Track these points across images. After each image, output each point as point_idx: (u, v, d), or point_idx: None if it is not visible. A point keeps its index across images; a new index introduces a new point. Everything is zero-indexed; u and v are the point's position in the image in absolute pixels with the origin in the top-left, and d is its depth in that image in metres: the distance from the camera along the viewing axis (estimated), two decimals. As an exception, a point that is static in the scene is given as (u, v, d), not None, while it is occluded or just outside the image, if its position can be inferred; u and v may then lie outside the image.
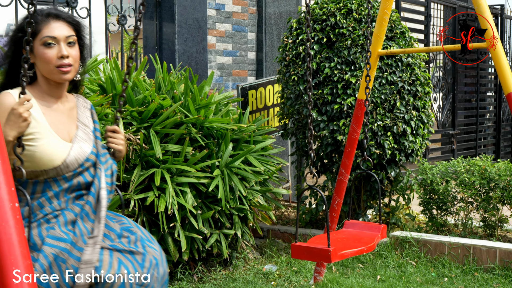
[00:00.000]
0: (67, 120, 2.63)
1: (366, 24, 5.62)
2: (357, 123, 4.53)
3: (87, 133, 2.66)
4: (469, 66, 10.81)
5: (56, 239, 2.38)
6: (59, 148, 2.51)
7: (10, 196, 1.50)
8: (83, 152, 2.59)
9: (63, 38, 2.57)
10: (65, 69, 2.56)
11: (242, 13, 6.97)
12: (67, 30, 2.59)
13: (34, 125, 2.47)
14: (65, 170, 2.51)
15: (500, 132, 11.65)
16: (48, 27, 2.56)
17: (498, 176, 5.28)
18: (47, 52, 2.54)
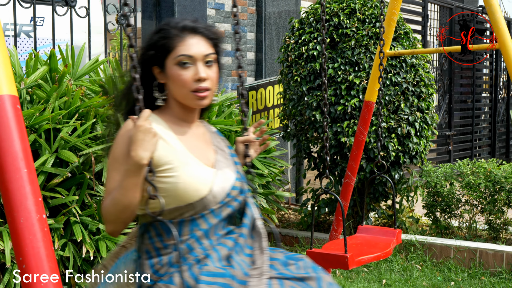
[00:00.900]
0: (203, 145, 2.26)
1: (371, 24, 5.54)
2: (364, 125, 4.46)
3: (226, 158, 2.26)
4: (464, 67, 10.77)
5: (212, 275, 2.05)
6: (204, 175, 2.14)
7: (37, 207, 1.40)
8: (227, 179, 2.20)
9: (201, 57, 2.14)
10: (202, 94, 2.14)
11: (241, 12, 6.88)
12: (206, 47, 2.17)
13: (170, 153, 2.12)
14: (213, 202, 2.13)
15: (496, 133, 11.63)
16: (184, 44, 2.15)
17: (504, 179, 5.22)
18: (182, 73, 2.13)
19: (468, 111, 10.67)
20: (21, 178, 1.42)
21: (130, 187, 1.98)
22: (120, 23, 5.69)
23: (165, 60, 2.17)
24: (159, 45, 2.16)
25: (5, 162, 1.41)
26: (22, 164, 1.43)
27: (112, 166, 2.09)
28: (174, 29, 2.18)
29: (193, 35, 2.17)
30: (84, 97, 4.39)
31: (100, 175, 4.09)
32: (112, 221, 2.03)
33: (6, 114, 1.44)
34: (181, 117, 2.23)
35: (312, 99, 5.45)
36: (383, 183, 5.58)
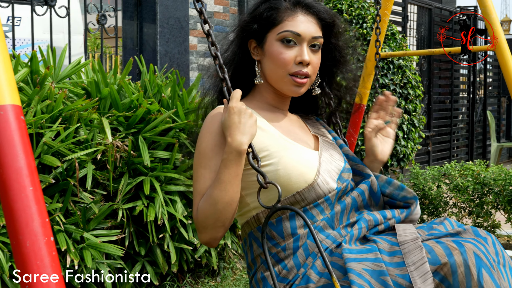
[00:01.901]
0: (301, 130, 2.03)
1: (358, 25, 5.47)
2: (354, 128, 4.37)
3: (329, 142, 2.03)
4: (443, 67, 10.78)
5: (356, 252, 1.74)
6: (306, 158, 1.87)
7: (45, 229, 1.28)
8: (335, 161, 1.95)
9: (309, 38, 1.91)
10: (300, 80, 1.90)
11: (223, 13, 6.76)
12: (316, 29, 1.93)
13: (264, 138, 1.87)
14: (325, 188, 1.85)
15: (474, 133, 11.66)
16: (294, 19, 1.91)
17: (493, 181, 5.17)
18: (284, 52, 1.89)
19: (447, 112, 10.68)
20: (26, 197, 1.29)
21: (230, 179, 1.73)
22: (101, 23, 5.53)
23: (267, 34, 1.94)
24: (264, 16, 1.93)
25: (9, 180, 1.28)
26: (28, 182, 1.30)
27: (200, 163, 1.84)
28: (285, 2, 1.95)
29: (306, 13, 1.95)
30: (67, 100, 4.24)
31: (84, 181, 3.95)
32: (211, 226, 1.76)
33: (9, 126, 1.31)
34: (272, 104, 2.02)
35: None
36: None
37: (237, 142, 1.73)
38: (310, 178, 1.83)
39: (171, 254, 4.37)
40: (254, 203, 1.85)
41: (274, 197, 1.78)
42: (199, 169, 1.83)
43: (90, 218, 3.93)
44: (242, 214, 1.91)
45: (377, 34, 3.88)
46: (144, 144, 4.28)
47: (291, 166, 1.82)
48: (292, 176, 1.81)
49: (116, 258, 4.06)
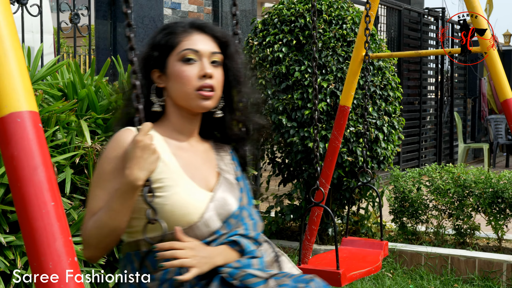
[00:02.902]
0: (203, 164, 2.01)
1: (337, 25, 5.39)
2: (338, 130, 4.29)
3: (230, 182, 2.01)
4: (412, 68, 10.80)
5: None
6: (195, 198, 1.88)
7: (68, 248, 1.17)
8: (227, 205, 1.95)
9: (208, 53, 1.95)
10: (206, 93, 1.91)
11: (198, 12, 6.63)
12: (213, 46, 1.97)
13: (162, 169, 1.85)
14: (205, 230, 1.88)
15: (442, 134, 11.72)
16: (190, 39, 1.95)
17: (474, 184, 5.15)
18: (186, 69, 1.92)
19: (416, 113, 10.70)
20: (47, 214, 1.17)
21: (119, 209, 1.74)
22: (73, 23, 5.36)
23: (167, 58, 1.95)
24: (162, 43, 1.95)
25: (28, 195, 1.16)
26: (48, 197, 1.18)
27: (98, 183, 1.84)
28: (180, 27, 1.99)
29: (201, 32, 1.99)
30: (43, 102, 4.07)
31: (62, 186, 3.79)
32: (94, 246, 1.79)
33: (27, 135, 1.18)
34: (179, 129, 1.99)
35: (278, 103, 5.26)
36: (350, 189, 5.44)
37: (134, 177, 1.72)
38: (192, 219, 1.86)
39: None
40: (139, 227, 1.84)
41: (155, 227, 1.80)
42: (96, 188, 1.85)
43: (69, 225, 3.77)
44: (127, 232, 1.90)
45: (367, 35, 3.80)
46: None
47: (178, 205, 1.84)
48: (175, 214, 1.83)
49: (96, 266, 3.91)
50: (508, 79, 3.76)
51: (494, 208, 5.18)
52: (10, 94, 1.16)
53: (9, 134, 1.16)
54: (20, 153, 1.15)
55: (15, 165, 1.15)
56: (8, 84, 1.16)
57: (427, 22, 11.18)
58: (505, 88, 3.73)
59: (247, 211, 2.01)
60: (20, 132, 1.16)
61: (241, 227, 1.95)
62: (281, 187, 5.97)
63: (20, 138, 1.16)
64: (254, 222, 2.00)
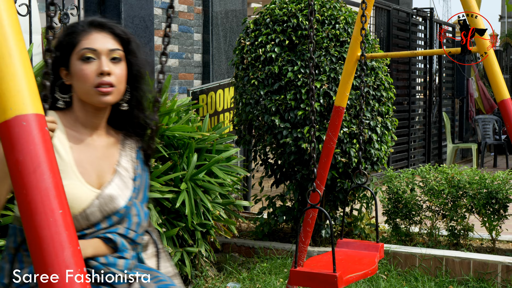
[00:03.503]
0: (100, 159, 2.09)
1: (330, 25, 5.35)
2: (333, 131, 4.24)
3: (125, 180, 2.09)
4: (401, 69, 10.80)
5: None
6: (79, 194, 1.98)
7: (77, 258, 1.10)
8: (112, 203, 2.02)
9: (106, 51, 2.04)
10: (104, 89, 2.01)
11: (188, 12, 6.57)
12: (112, 43, 2.06)
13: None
14: (84, 223, 1.97)
15: (431, 134, 11.72)
16: (88, 38, 2.04)
17: (468, 184, 5.12)
18: (85, 68, 2.01)
19: (405, 113, 10.69)
20: (55, 223, 1.11)
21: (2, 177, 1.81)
22: (63, 22, 5.29)
23: (70, 57, 2.05)
24: (64, 43, 2.04)
25: (34, 202, 1.10)
26: (56, 204, 1.12)
27: None
28: (80, 25, 2.09)
29: (100, 30, 2.08)
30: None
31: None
32: None
33: (33, 139, 1.12)
34: (83, 122, 2.08)
35: (270, 104, 5.21)
36: (344, 190, 5.40)
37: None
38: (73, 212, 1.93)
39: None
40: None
41: None
42: None
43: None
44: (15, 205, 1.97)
45: (363, 35, 3.76)
46: (117, 149, 4.08)
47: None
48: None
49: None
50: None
51: (488, 209, 5.16)
52: (15, 96, 1.10)
53: (14, 138, 1.10)
54: (26, 158, 1.09)
55: (20, 170, 1.10)
56: (13, 86, 1.10)
57: (415, 22, 11.18)
58: (502, 89, 3.69)
59: (136, 209, 2.07)
60: (25, 136, 1.10)
61: (124, 225, 2.03)
62: (273, 188, 5.91)
63: (26, 142, 1.10)
64: (138, 222, 2.07)
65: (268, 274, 5.03)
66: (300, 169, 5.28)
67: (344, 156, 5.19)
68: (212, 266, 5.20)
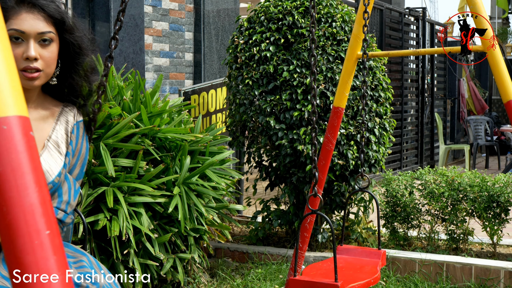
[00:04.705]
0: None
1: (327, 24, 5.19)
2: (332, 133, 4.08)
3: (54, 155, 2.02)
4: (393, 69, 10.66)
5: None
6: None
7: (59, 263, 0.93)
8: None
9: (34, 34, 1.94)
10: (30, 75, 1.94)
11: (179, 10, 6.38)
12: (43, 25, 1.96)
13: None
14: None
15: (423, 135, 11.61)
16: (17, 18, 1.94)
17: (469, 187, 4.98)
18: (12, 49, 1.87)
19: (397, 114, 10.56)
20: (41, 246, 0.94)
21: None
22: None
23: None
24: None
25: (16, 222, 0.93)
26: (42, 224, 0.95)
27: None
28: (11, 1, 1.98)
29: (31, 10, 1.97)
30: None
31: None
32: None
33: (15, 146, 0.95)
34: None
35: (265, 104, 5.04)
36: (340, 193, 5.24)
37: None
38: None
39: (137, 271, 4.00)
40: None
41: None
42: None
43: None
44: None
45: (365, 32, 3.60)
46: (107, 152, 3.90)
47: None
48: None
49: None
50: (487, 80, 3.60)
51: (489, 212, 5.01)
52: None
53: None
54: (7, 168, 0.92)
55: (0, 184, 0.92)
56: (-9, 83, 0.93)
57: (407, 22, 11.05)
58: (508, 89, 3.55)
59: (67, 185, 2.02)
60: (6, 143, 0.93)
61: (54, 202, 1.98)
62: (268, 191, 5.75)
63: (7, 150, 0.92)
64: (68, 201, 2.02)
65: (263, 281, 4.86)
66: (295, 171, 5.12)
67: (341, 158, 5.03)
68: (205, 272, 5.03)
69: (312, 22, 2.94)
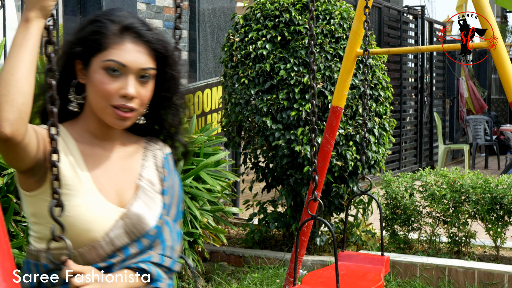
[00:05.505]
0: (117, 173, 1.77)
1: (324, 21, 5.05)
2: (331, 133, 3.93)
3: (151, 196, 1.78)
4: (392, 68, 10.52)
5: None
6: (101, 214, 1.67)
7: None
8: (141, 223, 1.72)
9: (136, 69, 1.70)
10: (124, 114, 1.70)
11: (173, 8, 6.24)
12: (145, 59, 1.72)
13: (69, 174, 1.66)
14: (109, 249, 1.67)
15: (422, 135, 11.48)
16: (120, 48, 1.70)
17: (472, 189, 4.83)
18: (107, 82, 1.68)
19: (396, 114, 10.42)
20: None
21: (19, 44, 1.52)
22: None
23: (92, 58, 1.71)
24: (89, 40, 1.71)
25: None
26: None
27: None
28: (114, 25, 1.72)
29: (135, 41, 1.73)
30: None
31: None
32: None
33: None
34: (95, 132, 1.77)
35: (261, 104, 4.90)
36: (339, 195, 5.10)
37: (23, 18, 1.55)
38: (95, 236, 1.66)
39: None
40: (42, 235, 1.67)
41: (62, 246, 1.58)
42: None
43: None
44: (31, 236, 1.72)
45: (366, 28, 3.46)
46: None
47: (81, 219, 1.64)
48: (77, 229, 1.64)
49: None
50: (486, 79, 3.47)
51: (492, 215, 4.87)
52: None
53: None
54: None
55: None
56: None
57: (406, 20, 10.92)
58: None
59: (168, 229, 1.78)
60: None
61: (157, 250, 1.75)
62: (264, 193, 5.60)
63: None
64: (172, 245, 1.78)
65: (260, 285, 4.72)
66: (293, 173, 4.97)
67: (340, 159, 4.88)
68: (200, 276, 4.89)
69: (311, 17, 2.80)
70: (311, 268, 4.92)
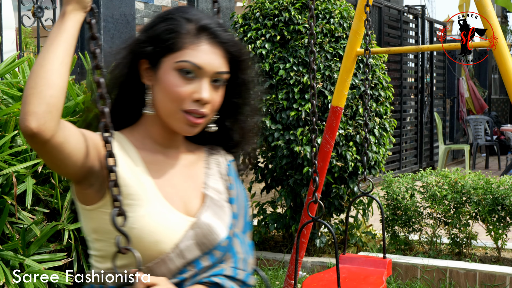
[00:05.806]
0: (182, 181, 1.63)
1: (324, 20, 5.00)
2: (331, 134, 3.89)
3: (220, 205, 1.65)
4: (392, 68, 10.47)
5: None
6: (170, 223, 1.54)
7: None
8: (212, 234, 1.58)
9: (211, 72, 1.57)
10: (195, 120, 1.57)
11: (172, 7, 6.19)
12: (220, 62, 1.59)
13: (131, 183, 1.52)
14: (179, 262, 1.53)
15: (422, 135, 11.43)
16: (196, 48, 1.57)
17: (473, 190, 4.79)
18: (181, 85, 1.55)
19: (396, 114, 10.37)
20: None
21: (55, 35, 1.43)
22: (37, 16, 4.91)
23: (163, 58, 1.56)
24: (161, 39, 1.57)
25: None
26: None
27: None
28: (190, 24, 1.58)
29: (212, 42, 1.59)
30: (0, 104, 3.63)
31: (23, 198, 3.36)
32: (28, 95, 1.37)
33: None
34: (156, 139, 1.63)
35: (261, 104, 4.85)
36: (339, 196, 5.05)
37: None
38: (164, 249, 1.53)
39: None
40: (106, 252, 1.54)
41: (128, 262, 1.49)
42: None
43: (31, 242, 3.33)
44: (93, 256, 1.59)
45: (367, 27, 3.41)
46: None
47: (148, 230, 1.51)
48: (144, 241, 1.50)
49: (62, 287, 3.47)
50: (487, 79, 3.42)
51: (493, 216, 4.83)
52: None
53: None
54: None
55: None
56: None
57: (406, 20, 10.87)
58: (516, 87, 3.38)
59: (239, 240, 1.64)
60: None
61: (229, 262, 1.61)
62: (263, 194, 5.55)
63: None
64: (245, 258, 1.64)
65: (259, 287, 4.67)
66: (292, 173, 4.93)
67: (340, 159, 4.84)
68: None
69: (310, 16, 2.76)
70: (311, 270, 4.88)
